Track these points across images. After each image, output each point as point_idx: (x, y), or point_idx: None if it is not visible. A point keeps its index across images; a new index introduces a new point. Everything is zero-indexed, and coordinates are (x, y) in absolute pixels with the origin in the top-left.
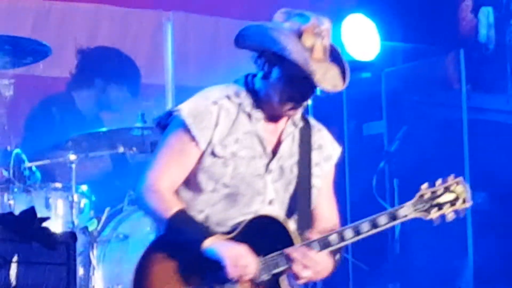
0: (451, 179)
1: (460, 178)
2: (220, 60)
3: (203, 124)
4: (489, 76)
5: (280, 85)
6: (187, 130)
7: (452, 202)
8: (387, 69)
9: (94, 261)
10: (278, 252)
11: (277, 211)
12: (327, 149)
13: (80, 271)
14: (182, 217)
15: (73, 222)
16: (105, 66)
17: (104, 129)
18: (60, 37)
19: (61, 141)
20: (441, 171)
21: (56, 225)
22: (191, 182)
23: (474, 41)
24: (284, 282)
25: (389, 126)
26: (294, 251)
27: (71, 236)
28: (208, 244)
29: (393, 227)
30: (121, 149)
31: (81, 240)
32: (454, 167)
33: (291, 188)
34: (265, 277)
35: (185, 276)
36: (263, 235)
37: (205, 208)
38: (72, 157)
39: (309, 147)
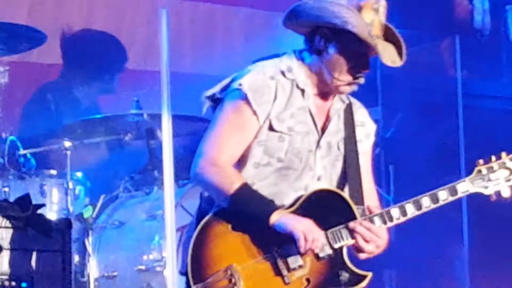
0: (505, 155)
1: None
2: (215, 46)
3: (263, 98)
4: (484, 63)
5: (338, 61)
6: (247, 104)
7: (508, 178)
8: None
9: (89, 248)
10: (342, 226)
11: (326, 187)
12: (368, 127)
13: (76, 258)
14: (246, 191)
15: (68, 209)
16: (103, 54)
17: (99, 116)
18: (56, 24)
19: (56, 128)
20: (436, 157)
21: (51, 212)
22: (243, 156)
23: (469, 27)
24: (345, 256)
25: (385, 112)
26: (357, 225)
27: (66, 223)
28: (276, 218)
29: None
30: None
31: (76, 227)
32: (450, 153)
33: (338, 165)
34: (327, 251)
35: (249, 250)
36: (324, 208)
37: (256, 181)
38: (67, 144)
39: (353, 124)
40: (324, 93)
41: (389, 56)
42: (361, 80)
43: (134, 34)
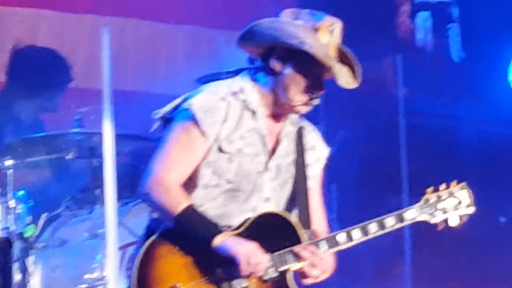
0: (454, 185)
1: (464, 184)
2: (157, 65)
3: (213, 120)
4: (426, 81)
5: (293, 81)
6: (196, 125)
7: (456, 207)
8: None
9: (30, 267)
10: (287, 249)
11: (274, 209)
12: (319, 150)
13: (17, 277)
14: (192, 212)
15: (9, 228)
16: (45, 71)
17: (41, 134)
18: None
19: None
20: (379, 175)
21: None
22: (192, 177)
23: (411, 45)
24: (290, 279)
25: (326, 130)
26: (303, 250)
27: (7, 242)
28: (220, 240)
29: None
30: (59, 155)
31: (18, 246)
32: (392, 171)
33: (287, 188)
34: (272, 274)
35: (193, 271)
36: (271, 232)
37: (205, 202)
38: (9, 162)
39: (303, 148)
40: (277, 115)
41: (344, 77)
42: (316, 101)
43: (76, 51)
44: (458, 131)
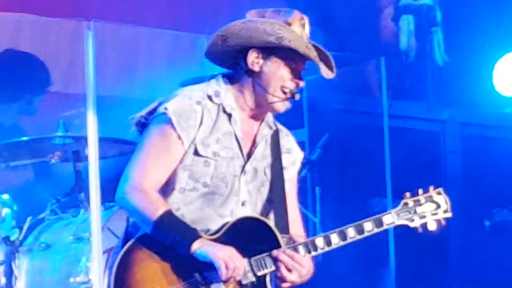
0: (432, 189)
1: (441, 189)
2: (138, 69)
3: (188, 123)
4: (410, 84)
5: (272, 77)
6: (172, 128)
7: (434, 212)
8: (307, 77)
9: (16, 271)
10: (265, 253)
11: (250, 213)
12: (294, 154)
13: (2, 280)
14: (169, 218)
15: None
16: (24, 75)
17: (25, 138)
18: None
19: None
20: (363, 178)
21: None
22: (169, 180)
23: (395, 49)
24: (269, 283)
25: (311, 134)
26: (281, 254)
27: None
28: (197, 246)
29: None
30: (44, 158)
31: (2, 249)
32: (376, 174)
33: (264, 191)
34: (250, 278)
35: (171, 276)
36: (249, 236)
37: (182, 206)
38: None
39: (279, 151)
40: (252, 117)
41: (323, 68)
42: (297, 96)
43: (58, 55)
44: (441, 134)
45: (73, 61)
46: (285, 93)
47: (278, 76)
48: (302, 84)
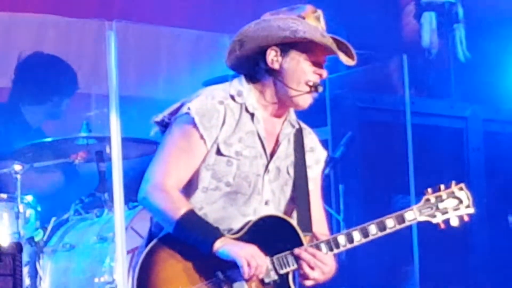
0: (453, 185)
1: (463, 184)
2: (160, 70)
3: (211, 123)
4: (432, 81)
5: (294, 72)
6: (195, 128)
7: (456, 208)
8: (330, 75)
9: (40, 272)
10: (287, 252)
11: (274, 211)
12: (317, 152)
13: (27, 281)
14: (192, 217)
15: (19, 233)
16: (53, 79)
17: (49, 139)
18: (5, 47)
19: (6, 152)
20: (386, 176)
21: (2, 236)
22: (192, 180)
23: (417, 46)
24: (291, 281)
25: (334, 132)
26: (303, 252)
27: (17, 247)
28: (220, 245)
29: None
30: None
31: (27, 250)
32: (399, 172)
33: (287, 190)
34: (273, 276)
35: (193, 275)
36: (271, 234)
37: (205, 205)
38: (17, 167)
39: (303, 149)
40: (275, 116)
41: (342, 55)
42: (320, 88)
43: (81, 56)
44: (464, 131)
45: (97, 62)
46: (310, 86)
47: (300, 71)
48: (325, 75)
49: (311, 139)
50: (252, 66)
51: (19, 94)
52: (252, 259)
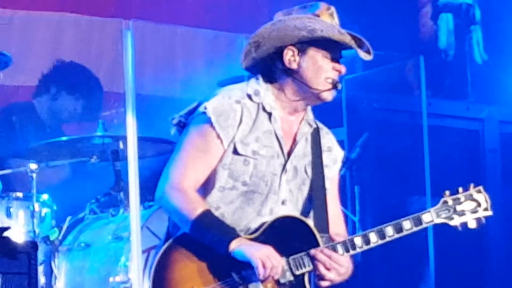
0: (472, 187)
1: (481, 187)
2: (177, 69)
3: (228, 122)
4: (449, 83)
5: (313, 70)
6: (212, 128)
7: (474, 210)
8: (347, 76)
9: (55, 270)
10: (303, 253)
11: (291, 211)
12: (335, 152)
13: (42, 280)
14: (208, 217)
15: (34, 232)
16: (60, 76)
17: (65, 138)
18: (23, 45)
19: (22, 150)
20: (402, 177)
21: (17, 235)
22: (209, 179)
23: (434, 47)
24: (307, 282)
25: (350, 133)
26: (319, 253)
27: (32, 245)
28: (235, 245)
29: None
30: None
31: (42, 249)
32: (415, 173)
33: (305, 189)
34: (289, 277)
35: (208, 276)
36: (287, 235)
37: (222, 205)
38: (33, 166)
39: (320, 149)
40: (292, 116)
41: (360, 51)
42: (339, 86)
43: (100, 55)
44: (481, 133)
45: (114, 61)
46: (329, 83)
47: (319, 69)
48: (343, 70)
49: (328, 138)
50: (269, 67)
51: (38, 95)
52: (267, 260)
